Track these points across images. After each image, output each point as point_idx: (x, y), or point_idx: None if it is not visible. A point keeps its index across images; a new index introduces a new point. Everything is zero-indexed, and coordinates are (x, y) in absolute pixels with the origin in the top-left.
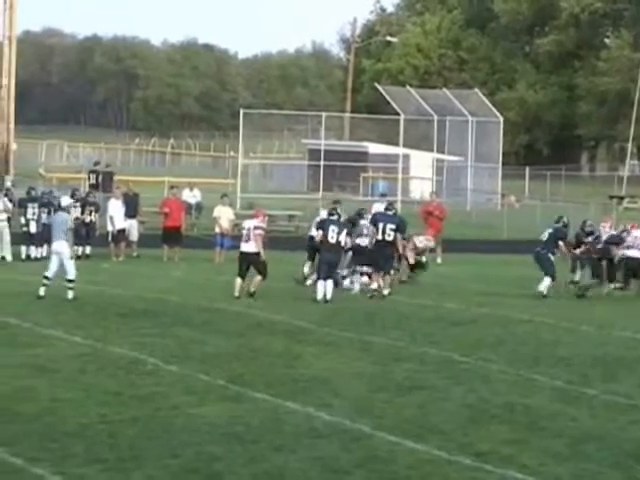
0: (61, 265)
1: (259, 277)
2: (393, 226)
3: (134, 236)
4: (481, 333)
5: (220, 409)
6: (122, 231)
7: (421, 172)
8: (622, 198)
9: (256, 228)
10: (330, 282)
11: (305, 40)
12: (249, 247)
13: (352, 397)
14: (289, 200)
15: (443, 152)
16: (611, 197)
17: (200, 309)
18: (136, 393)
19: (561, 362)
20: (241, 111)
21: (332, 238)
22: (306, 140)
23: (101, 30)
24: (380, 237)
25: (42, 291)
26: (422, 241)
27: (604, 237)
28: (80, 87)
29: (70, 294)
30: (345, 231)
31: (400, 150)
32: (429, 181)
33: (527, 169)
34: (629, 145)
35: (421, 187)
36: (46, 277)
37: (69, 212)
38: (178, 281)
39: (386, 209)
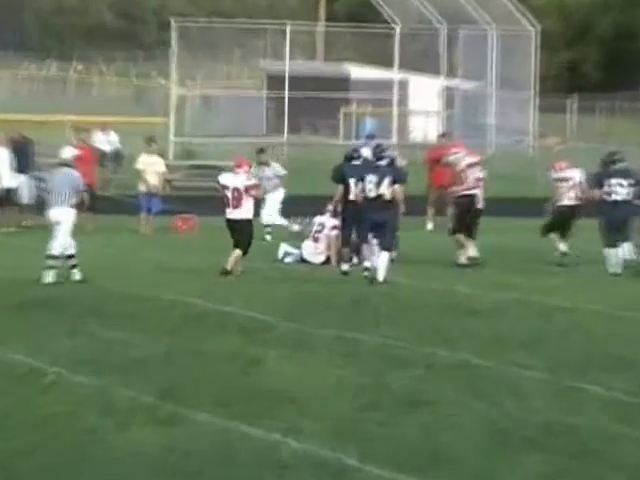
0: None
1: (238, 251)
2: (390, 179)
3: (26, 198)
4: (507, 326)
5: (150, 434)
6: (10, 191)
7: (424, 104)
8: None
9: (249, 189)
10: (385, 255)
11: None
12: (240, 213)
13: (331, 417)
14: (242, 146)
15: (455, 76)
16: None
17: (121, 298)
18: (34, 414)
19: (618, 365)
20: (172, 22)
21: (370, 191)
22: (264, 62)
23: None
24: (373, 194)
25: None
26: None
27: None
28: None
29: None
30: (387, 180)
31: (395, 74)
32: (435, 116)
33: (571, 99)
34: None
35: (425, 125)
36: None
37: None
38: (91, 259)
39: (377, 156)
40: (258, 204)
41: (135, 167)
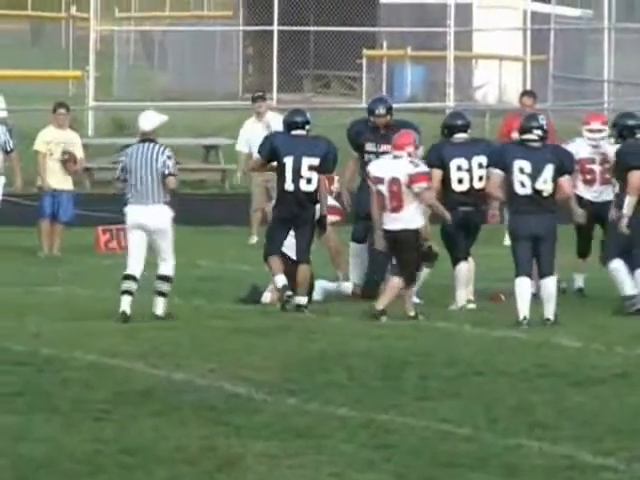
0: None
1: (397, 280)
2: (483, 159)
3: None
4: (636, 404)
5: None
6: None
7: (498, 44)
8: None
9: (414, 180)
10: (552, 282)
11: None
12: (401, 219)
13: None
14: (204, 114)
15: (546, 0)
16: None
17: (6, 358)
18: None
19: None
20: None
21: (523, 187)
22: None
23: None
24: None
25: None
26: None
27: None
28: None
29: None
30: (553, 167)
31: None
32: (515, 63)
33: None
34: None
35: (498, 78)
36: None
37: None
38: None
39: (453, 127)
40: None
41: (34, 149)
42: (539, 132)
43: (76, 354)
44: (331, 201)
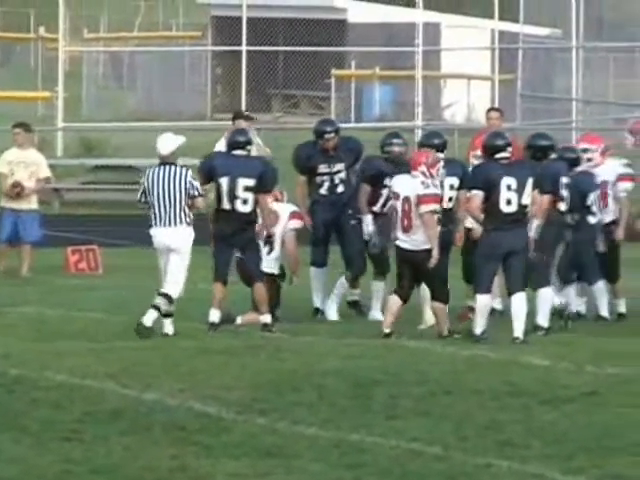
0: None
1: (438, 304)
2: (454, 180)
3: None
4: (607, 420)
5: None
6: None
7: (466, 64)
8: None
9: (423, 200)
10: (521, 298)
11: None
12: (415, 239)
13: None
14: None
15: (514, 20)
16: None
17: None
18: None
19: None
20: None
21: (509, 204)
22: None
23: None
24: (511, 208)
25: None
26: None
27: None
28: None
29: None
30: (532, 180)
31: (418, 15)
32: (484, 82)
33: None
34: None
35: (466, 98)
36: None
37: None
38: None
39: (430, 147)
40: None
41: None
42: (510, 149)
43: (46, 374)
44: (292, 207)
